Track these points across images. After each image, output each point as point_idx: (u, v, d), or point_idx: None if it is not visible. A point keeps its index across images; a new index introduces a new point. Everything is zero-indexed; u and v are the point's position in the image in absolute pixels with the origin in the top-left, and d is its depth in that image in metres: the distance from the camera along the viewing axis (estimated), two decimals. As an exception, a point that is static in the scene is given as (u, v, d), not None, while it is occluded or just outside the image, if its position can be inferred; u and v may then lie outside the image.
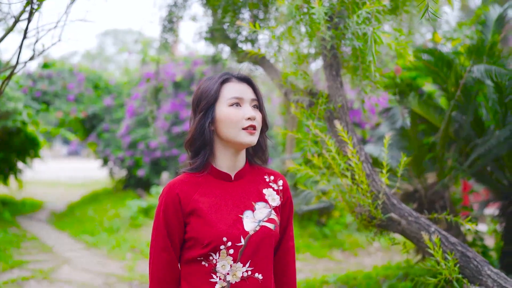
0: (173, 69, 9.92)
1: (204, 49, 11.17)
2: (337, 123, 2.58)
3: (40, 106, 10.06)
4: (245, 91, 1.57)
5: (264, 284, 1.53)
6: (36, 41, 2.94)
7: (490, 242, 5.85)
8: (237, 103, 1.55)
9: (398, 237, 2.94)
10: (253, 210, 1.55)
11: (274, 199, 1.61)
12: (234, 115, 1.52)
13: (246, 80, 1.61)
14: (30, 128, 9.51)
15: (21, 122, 8.23)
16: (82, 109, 10.72)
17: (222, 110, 1.54)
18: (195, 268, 1.52)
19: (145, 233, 7.65)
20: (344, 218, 7.51)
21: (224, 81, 1.58)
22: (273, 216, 1.57)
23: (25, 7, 2.73)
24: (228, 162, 1.58)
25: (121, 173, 11.93)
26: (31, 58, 2.98)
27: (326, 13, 2.51)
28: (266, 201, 1.59)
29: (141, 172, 10.12)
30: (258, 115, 1.56)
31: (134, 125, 10.29)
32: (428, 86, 5.48)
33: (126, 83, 11.18)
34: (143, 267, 6.02)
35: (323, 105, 2.67)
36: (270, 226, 1.54)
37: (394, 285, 4.16)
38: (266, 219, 1.55)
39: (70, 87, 10.57)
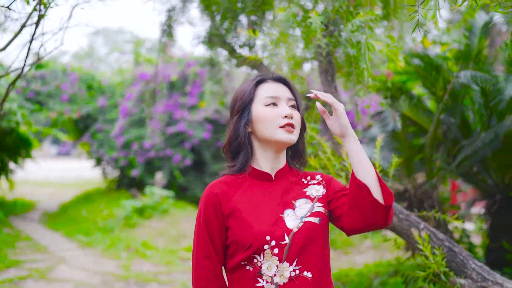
0: (167, 70, 10.01)
1: (198, 50, 11.25)
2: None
3: (34, 106, 10.08)
4: (281, 91, 1.53)
5: (315, 283, 1.43)
6: (41, 45, 3.04)
7: (477, 240, 6.03)
8: (274, 103, 1.50)
9: (389, 235, 3.09)
10: (293, 208, 1.48)
11: (318, 190, 1.53)
12: (270, 113, 1.48)
13: (282, 80, 1.56)
14: (23, 128, 9.53)
15: (15, 122, 8.27)
16: (75, 109, 10.75)
17: (258, 109, 1.50)
18: (240, 274, 1.45)
19: (140, 233, 7.73)
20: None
21: (259, 81, 1.55)
22: (317, 208, 1.50)
23: (31, 13, 2.83)
24: (268, 164, 1.53)
25: (114, 173, 11.97)
26: (36, 62, 3.08)
27: (322, 22, 2.65)
28: (307, 197, 1.52)
29: (134, 172, 10.19)
30: (296, 114, 1.51)
31: (128, 126, 10.35)
32: (417, 89, 5.66)
33: (120, 84, 11.24)
34: (139, 266, 6.12)
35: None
36: (315, 220, 1.47)
37: (385, 281, 4.31)
38: (308, 214, 1.47)
39: (64, 88, 10.60)
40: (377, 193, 1.40)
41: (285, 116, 1.48)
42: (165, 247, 7.00)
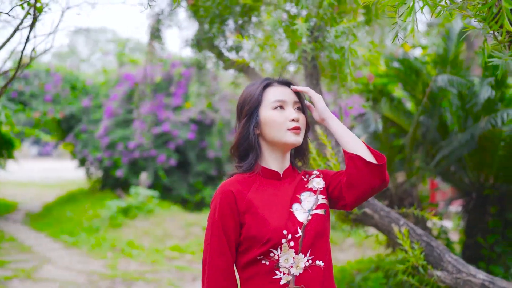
0: (152, 71, 10.04)
1: (185, 52, 11.30)
2: (317, 128, 2.85)
3: (17, 106, 10.01)
4: (288, 94, 1.60)
5: (326, 270, 1.54)
6: (33, 48, 3.10)
7: (455, 237, 6.25)
8: (281, 106, 1.58)
9: (370, 232, 3.23)
10: (300, 202, 1.57)
11: (319, 182, 1.64)
12: (279, 117, 1.56)
13: (288, 84, 1.63)
14: (4, 129, 9.44)
15: (-1, 122, 8.20)
16: (59, 109, 10.69)
17: (266, 113, 1.57)
18: (255, 270, 1.50)
19: (125, 233, 7.77)
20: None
21: (266, 85, 1.61)
22: (321, 200, 1.60)
23: (24, 16, 2.90)
24: (277, 163, 1.61)
25: (98, 174, 11.94)
26: (28, 63, 3.14)
27: (308, 28, 2.78)
28: (310, 190, 1.61)
29: (119, 173, 10.20)
30: (301, 117, 1.60)
31: (113, 126, 10.35)
32: (398, 92, 5.85)
33: (104, 84, 11.21)
34: (125, 265, 6.16)
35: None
36: (321, 212, 1.57)
37: (366, 277, 4.47)
38: (314, 207, 1.57)
39: (47, 88, 10.53)
40: (369, 158, 1.52)
41: (292, 120, 1.56)
42: (151, 247, 7.06)
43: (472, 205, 4.41)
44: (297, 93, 1.63)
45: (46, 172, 22.85)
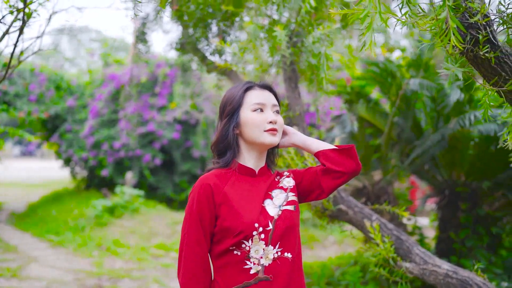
0: (137, 72, 10.13)
1: (170, 53, 11.36)
2: (295, 129, 3.01)
3: (1, 106, 9.99)
4: (267, 97, 1.71)
5: (294, 262, 1.64)
6: (22, 51, 3.21)
7: (432, 233, 6.49)
8: (260, 109, 1.68)
9: (348, 229, 3.38)
10: (271, 198, 1.68)
11: (289, 181, 1.76)
12: (258, 119, 1.66)
13: (268, 87, 1.74)
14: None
15: (-18, 122, 8.20)
16: (44, 109, 10.69)
17: (246, 114, 1.68)
18: (227, 259, 1.61)
19: (111, 231, 7.84)
20: (301, 214, 8.02)
21: (247, 88, 1.71)
22: (291, 197, 1.71)
23: (13, 21, 3.00)
24: (253, 161, 1.72)
25: (83, 173, 11.95)
26: (17, 65, 3.25)
27: (286, 35, 2.93)
28: (281, 188, 1.73)
29: (104, 172, 10.26)
30: (279, 119, 1.71)
31: (98, 126, 10.40)
32: (376, 93, 6.05)
33: (89, 84, 11.24)
34: (111, 263, 6.25)
35: (283, 113, 3.10)
36: (290, 208, 1.68)
37: (345, 271, 4.66)
38: (285, 203, 1.68)
39: (32, 88, 10.53)
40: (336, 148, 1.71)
41: (270, 122, 1.67)
42: (137, 245, 7.15)
43: (445, 201, 4.62)
44: (276, 97, 1.74)
45: (30, 171, 22.65)
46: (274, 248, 1.60)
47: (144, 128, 10.03)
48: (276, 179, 1.77)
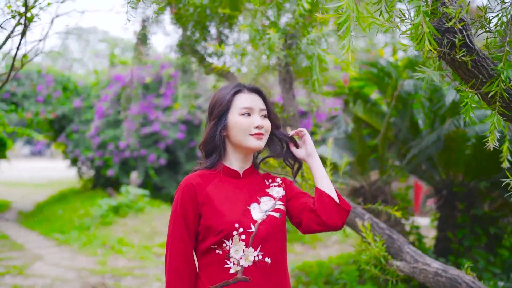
0: (141, 73, 10.23)
1: (171, 54, 11.46)
2: (289, 129, 3.07)
3: (9, 107, 10.15)
4: (255, 102, 1.73)
5: (273, 268, 1.65)
6: (24, 54, 3.30)
7: (432, 233, 6.50)
8: (248, 113, 1.70)
9: (348, 231, 3.44)
10: (258, 203, 1.70)
11: (278, 191, 1.76)
12: (245, 123, 1.69)
13: (256, 91, 1.75)
14: (-3, 129, 9.58)
15: (-9, 123, 8.35)
16: (51, 110, 10.85)
17: (234, 118, 1.70)
18: (210, 258, 1.64)
19: (116, 230, 7.95)
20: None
21: (236, 92, 1.73)
22: (279, 206, 1.72)
23: (16, 25, 3.09)
24: (238, 163, 1.75)
25: (90, 173, 12.10)
26: (20, 67, 3.35)
27: (280, 38, 2.99)
28: (270, 196, 1.74)
29: (110, 172, 10.38)
30: (266, 124, 1.72)
31: (104, 126, 10.53)
32: (376, 94, 6.08)
33: (95, 85, 11.37)
34: (114, 262, 6.35)
35: (278, 114, 3.16)
36: (276, 214, 1.68)
37: (343, 270, 4.71)
38: (271, 209, 1.70)
39: (39, 89, 10.69)
40: (337, 200, 1.68)
41: (256, 127, 1.69)
42: (140, 244, 7.25)
43: (443, 201, 4.65)
44: (264, 101, 1.75)
45: (38, 171, 22.91)
46: (255, 250, 1.62)
47: (149, 129, 10.13)
48: (266, 182, 1.79)
